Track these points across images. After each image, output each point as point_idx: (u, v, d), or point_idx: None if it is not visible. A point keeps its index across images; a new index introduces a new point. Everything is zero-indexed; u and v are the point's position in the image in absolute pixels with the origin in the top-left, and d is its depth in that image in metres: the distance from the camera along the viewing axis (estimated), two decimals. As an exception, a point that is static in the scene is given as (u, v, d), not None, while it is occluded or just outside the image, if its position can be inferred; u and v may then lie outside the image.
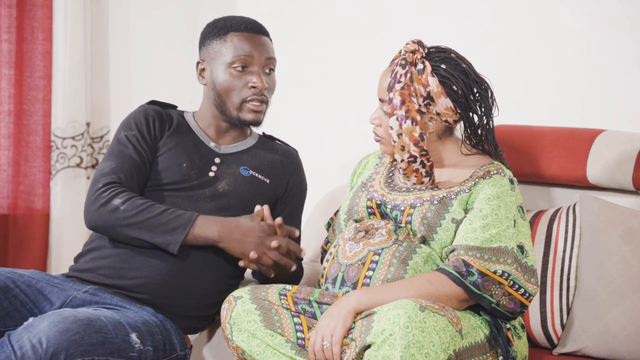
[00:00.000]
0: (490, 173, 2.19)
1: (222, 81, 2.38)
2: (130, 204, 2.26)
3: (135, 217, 2.25)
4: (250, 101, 2.38)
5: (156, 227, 2.24)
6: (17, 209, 3.42)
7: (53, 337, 2.01)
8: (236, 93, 2.37)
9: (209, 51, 2.40)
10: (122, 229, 2.26)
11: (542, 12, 2.86)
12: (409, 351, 1.87)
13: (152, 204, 2.27)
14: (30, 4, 3.39)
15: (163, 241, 2.24)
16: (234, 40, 2.38)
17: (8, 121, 3.39)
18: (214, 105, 2.41)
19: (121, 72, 3.60)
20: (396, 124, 2.17)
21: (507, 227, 2.11)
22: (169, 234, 2.23)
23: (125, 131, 2.39)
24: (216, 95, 2.40)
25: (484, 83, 2.20)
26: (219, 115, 2.43)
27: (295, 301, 2.16)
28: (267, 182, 2.44)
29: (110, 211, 2.26)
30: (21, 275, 2.27)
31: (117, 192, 2.28)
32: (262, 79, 2.37)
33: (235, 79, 2.37)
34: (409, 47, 2.20)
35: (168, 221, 2.24)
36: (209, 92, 2.42)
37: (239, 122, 2.41)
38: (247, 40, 2.38)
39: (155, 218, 2.25)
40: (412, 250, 2.13)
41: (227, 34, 2.38)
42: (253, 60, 2.37)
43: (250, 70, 2.37)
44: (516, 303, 2.11)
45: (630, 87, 2.70)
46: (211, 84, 2.40)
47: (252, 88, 2.37)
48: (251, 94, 2.37)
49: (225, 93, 2.38)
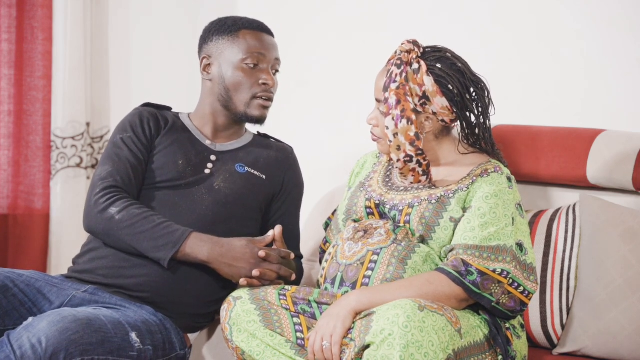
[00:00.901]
0: (488, 171, 2.19)
1: (232, 76, 2.39)
2: (125, 214, 2.26)
3: (128, 229, 2.25)
4: (260, 97, 2.40)
5: (148, 241, 2.24)
6: (17, 209, 3.43)
7: (52, 337, 2.01)
8: (246, 89, 2.39)
9: (217, 47, 2.42)
10: (117, 239, 2.27)
11: (542, 12, 2.86)
12: (408, 351, 1.87)
13: (147, 215, 2.27)
14: (30, 4, 3.39)
15: (153, 256, 2.25)
16: (247, 37, 2.40)
17: (8, 121, 3.39)
18: (219, 100, 2.42)
19: (121, 72, 3.60)
20: (392, 124, 2.17)
21: (506, 225, 2.11)
22: (158, 250, 2.23)
23: (121, 134, 2.40)
24: (224, 90, 2.41)
25: (480, 82, 2.20)
26: (221, 111, 2.44)
27: (295, 301, 2.16)
28: (263, 178, 2.44)
29: (107, 219, 2.27)
30: (20, 274, 2.27)
31: (115, 200, 2.28)
32: (272, 77, 2.40)
33: (247, 75, 2.39)
34: (404, 47, 2.20)
35: (160, 237, 2.24)
36: (214, 87, 2.43)
37: (245, 118, 2.42)
38: (259, 39, 2.41)
39: (149, 232, 2.24)
40: (411, 250, 2.13)
41: (239, 31, 2.41)
42: (265, 58, 2.40)
43: (261, 67, 2.40)
44: (516, 301, 2.11)
45: (630, 87, 2.70)
46: (219, 79, 2.41)
47: (263, 85, 2.39)
48: (261, 90, 2.40)
49: (234, 88, 2.40)
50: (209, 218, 2.35)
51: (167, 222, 2.26)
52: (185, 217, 2.33)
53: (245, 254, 2.24)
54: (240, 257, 2.24)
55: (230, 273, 2.25)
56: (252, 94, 2.40)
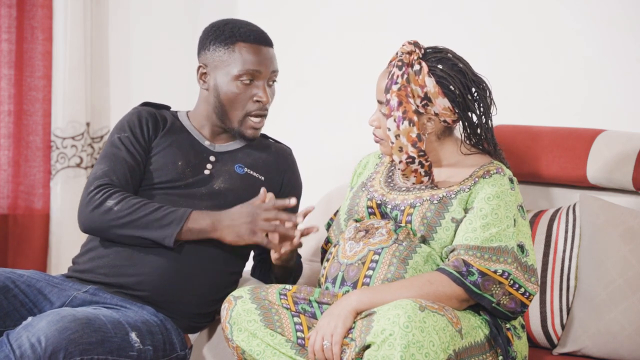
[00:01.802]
0: (490, 172, 2.19)
1: (226, 91, 2.37)
2: (124, 204, 2.26)
3: (129, 216, 2.25)
4: (254, 116, 2.38)
5: (151, 223, 2.24)
6: (17, 209, 3.43)
7: (52, 336, 2.01)
8: (240, 105, 2.37)
9: (214, 58, 2.38)
10: (117, 229, 2.26)
11: (542, 12, 2.86)
12: (409, 351, 1.87)
13: (146, 202, 2.27)
14: (30, 4, 3.39)
15: (158, 235, 2.24)
16: (242, 51, 2.36)
17: (8, 121, 3.39)
18: (214, 112, 2.41)
19: (121, 72, 3.60)
20: (394, 125, 2.17)
21: (507, 227, 2.11)
22: (163, 228, 2.24)
23: (119, 134, 2.39)
24: (218, 103, 2.39)
25: (482, 82, 2.20)
26: (216, 120, 2.43)
27: (296, 301, 2.16)
28: (262, 179, 2.44)
29: (104, 212, 2.26)
30: (21, 275, 2.27)
31: (111, 193, 2.28)
32: (267, 94, 2.37)
33: (241, 92, 2.37)
34: (405, 48, 2.20)
35: (163, 217, 2.25)
36: (209, 97, 2.41)
37: (237, 135, 2.42)
38: (255, 53, 2.36)
39: (151, 215, 2.25)
40: (412, 250, 2.13)
41: (235, 44, 2.36)
42: (260, 74, 2.37)
43: (256, 84, 2.37)
44: (517, 302, 2.11)
45: (630, 87, 2.70)
46: (214, 91, 2.39)
47: (257, 102, 2.37)
48: (255, 108, 2.38)
49: (228, 104, 2.38)
50: None
51: (165, 205, 2.28)
52: (185, 218, 2.33)
53: (242, 213, 2.26)
54: (237, 216, 2.26)
55: (232, 234, 2.26)
56: (246, 111, 2.38)
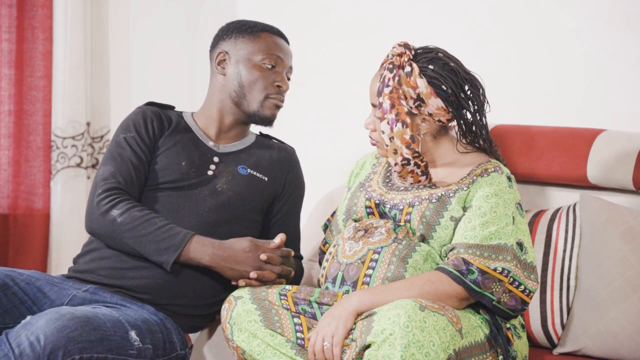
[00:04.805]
0: (488, 171, 2.20)
1: (248, 74, 2.41)
2: (127, 216, 2.26)
3: (130, 232, 2.25)
4: (273, 98, 2.42)
5: (150, 244, 2.24)
6: (17, 209, 3.43)
7: (51, 334, 2.01)
8: (261, 88, 2.41)
9: (236, 44, 2.43)
10: (119, 242, 2.27)
11: (541, 12, 2.86)
12: (409, 350, 1.87)
13: (149, 217, 2.26)
14: (30, 4, 3.39)
15: (156, 260, 2.25)
16: (268, 39, 2.44)
17: (8, 121, 3.39)
18: (230, 97, 2.43)
19: (121, 72, 3.60)
20: (387, 128, 2.18)
21: (506, 225, 2.11)
22: (161, 253, 2.24)
23: (124, 133, 2.40)
24: (238, 87, 2.42)
25: (474, 80, 2.20)
26: (230, 108, 2.44)
27: (296, 301, 2.16)
28: (265, 180, 2.44)
29: (109, 222, 2.27)
30: (21, 273, 2.27)
31: (117, 202, 2.28)
32: (286, 81, 2.44)
33: (264, 75, 2.41)
34: (395, 50, 2.20)
35: (162, 240, 2.24)
36: (227, 83, 2.44)
37: (256, 117, 2.44)
38: (278, 43, 2.45)
39: (150, 235, 2.24)
40: (411, 249, 2.13)
41: (261, 33, 2.44)
42: (282, 62, 2.44)
43: (277, 70, 2.43)
44: (517, 300, 2.11)
45: (630, 87, 2.70)
46: (234, 75, 2.43)
47: (277, 87, 2.42)
48: (274, 92, 2.43)
49: (249, 85, 2.41)
50: (211, 220, 2.35)
51: (168, 224, 2.26)
52: (187, 218, 2.33)
53: (247, 258, 2.24)
54: (242, 260, 2.24)
55: (232, 275, 2.25)
56: (266, 93, 2.42)
